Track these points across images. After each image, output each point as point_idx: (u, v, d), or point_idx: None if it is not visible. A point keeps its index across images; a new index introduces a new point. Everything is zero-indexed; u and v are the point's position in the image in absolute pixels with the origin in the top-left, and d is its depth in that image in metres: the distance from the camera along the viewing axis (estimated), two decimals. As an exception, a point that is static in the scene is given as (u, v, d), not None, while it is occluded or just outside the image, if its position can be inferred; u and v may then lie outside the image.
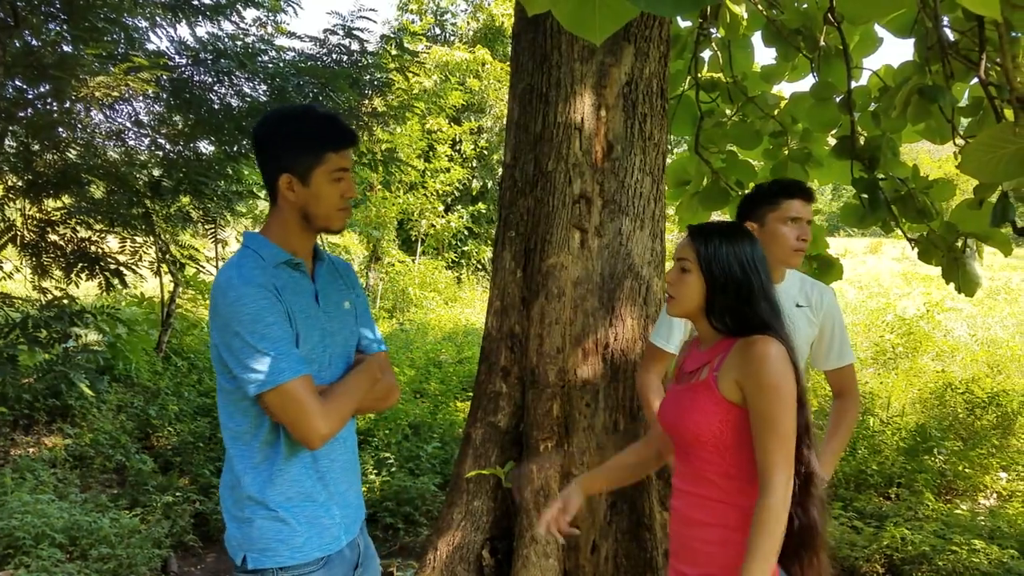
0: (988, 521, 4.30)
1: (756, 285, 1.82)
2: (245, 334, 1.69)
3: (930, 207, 3.71)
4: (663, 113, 3.00)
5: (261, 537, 1.80)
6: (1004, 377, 7.72)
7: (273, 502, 1.81)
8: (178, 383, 7.38)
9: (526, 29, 3.02)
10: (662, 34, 3.00)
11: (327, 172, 1.80)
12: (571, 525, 2.04)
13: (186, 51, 6.39)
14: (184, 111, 6.33)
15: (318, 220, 1.84)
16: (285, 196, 1.81)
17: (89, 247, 5.89)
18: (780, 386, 1.72)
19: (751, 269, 1.82)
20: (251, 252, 1.81)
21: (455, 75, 14.56)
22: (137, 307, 8.30)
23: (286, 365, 1.70)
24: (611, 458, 2.25)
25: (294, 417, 1.72)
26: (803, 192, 2.38)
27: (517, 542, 2.89)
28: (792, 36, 3.97)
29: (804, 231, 2.36)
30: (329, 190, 1.81)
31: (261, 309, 1.71)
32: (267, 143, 1.83)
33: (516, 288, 2.98)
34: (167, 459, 5.59)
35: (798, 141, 4.13)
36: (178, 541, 4.39)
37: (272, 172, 1.80)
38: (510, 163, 3.04)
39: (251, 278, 1.74)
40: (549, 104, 2.87)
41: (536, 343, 2.88)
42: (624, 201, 2.88)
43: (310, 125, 1.81)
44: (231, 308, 1.70)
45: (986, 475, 5.24)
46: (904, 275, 19.12)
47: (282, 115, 1.86)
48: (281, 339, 1.72)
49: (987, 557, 3.80)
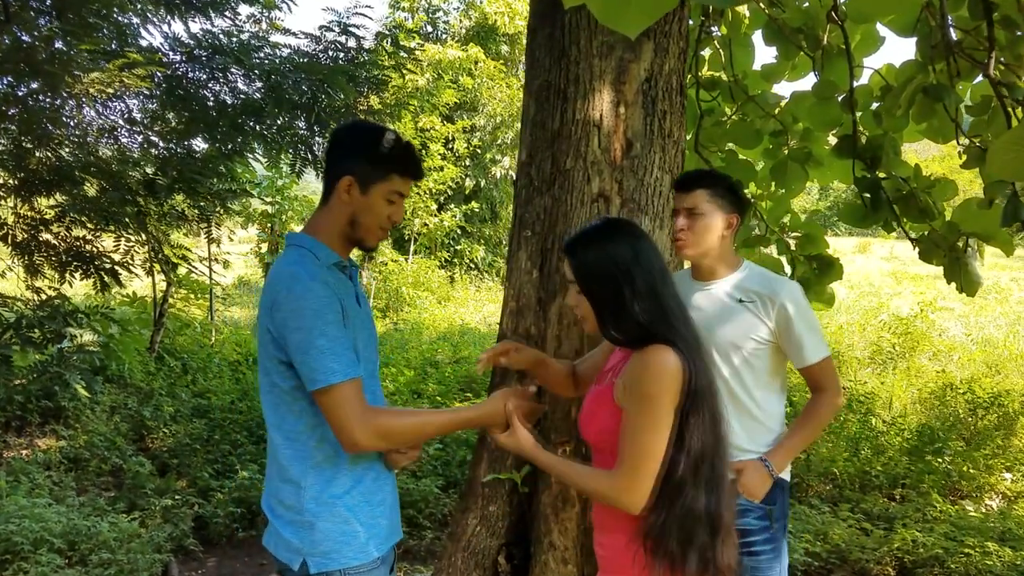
0: (998, 523, 4.27)
1: (636, 295, 1.73)
2: (307, 329, 1.71)
3: (932, 207, 3.69)
4: (682, 110, 2.94)
5: (325, 539, 1.80)
6: (1003, 377, 7.72)
7: (338, 502, 1.82)
8: (171, 384, 7.30)
9: (542, 24, 2.96)
10: (681, 29, 2.94)
11: (386, 191, 1.88)
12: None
13: (180, 47, 6.31)
14: (178, 108, 6.25)
15: (360, 230, 1.89)
16: (340, 197, 1.86)
17: (84, 246, 5.80)
18: (654, 398, 1.67)
19: (623, 272, 1.74)
20: (307, 252, 1.84)
21: (448, 73, 14.48)
22: (128, 307, 8.18)
23: (338, 366, 1.71)
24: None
25: (338, 420, 1.73)
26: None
27: (535, 547, 2.83)
28: (794, 35, 3.94)
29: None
30: (381, 207, 1.88)
31: (324, 306, 1.73)
32: (342, 144, 1.91)
33: (532, 289, 2.92)
34: (164, 461, 5.52)
35: (798, 140, 4.10)
36: (178, 545, 4.32)
37: (336, 171, 1.87)
38: (526, 161, 2.98)
39: (316, 275, 1.77)
40: (567, 100, 2.80)
41: (554, 345, 2.81)
42: (643, 200, 2.82)
43: (387, 144, 1.89)
44: (296, 302, 1.72)
45: (991, 476, 5.22)
46: (893, 274, 19.18)
47: (365, 125, 2.00)
48: (339, 338, 1.74)
49: (1000, 560, 3.78)
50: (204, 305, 9.91)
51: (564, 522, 2.78)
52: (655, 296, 1.74)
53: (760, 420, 2.54)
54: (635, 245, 1.78)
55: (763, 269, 2.60)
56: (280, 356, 1.77)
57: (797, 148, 4.06)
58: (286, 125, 6.65)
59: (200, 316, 9.68)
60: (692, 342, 1.75)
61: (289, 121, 6.60)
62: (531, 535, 2.89)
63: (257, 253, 11.41)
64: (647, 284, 1.74)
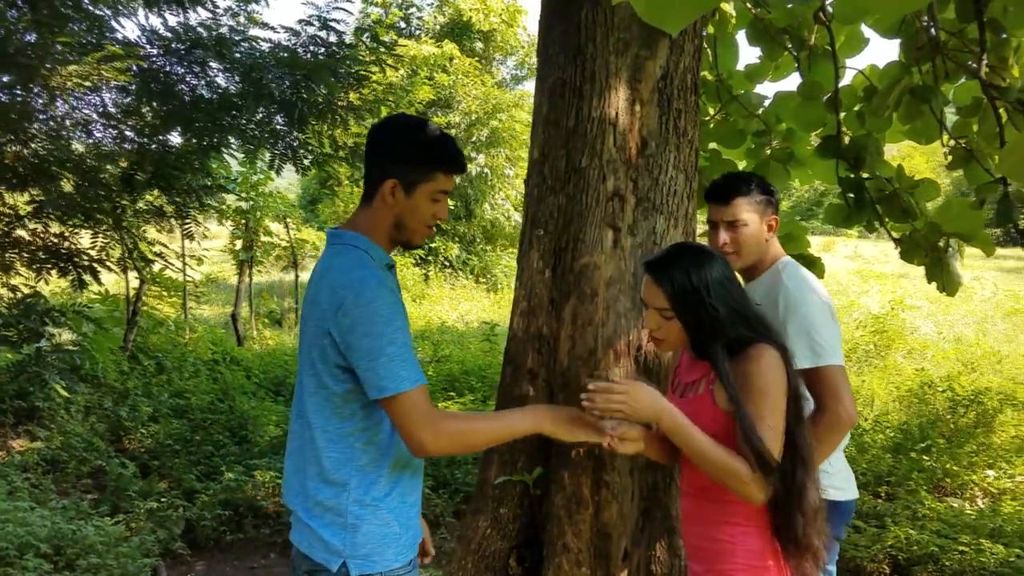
0: (989, 520, 4.33)
1: (727, 311, 1.84)
2: (377, 335, 1.69)
3: (914, 207, 3.73)
4: (696, 109, 2.92)
5: (368, 542, 1.79)
6: (978, 375, 7.84)
7: (382, 504, 1.81)
8: (147, 383, 7.18)
9: (556, 22, 2.92)
10: (696, 27, 2.93)
11: (431, 190, 1.84)
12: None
13: (158, 40, 6.17)
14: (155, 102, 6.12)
15: (405, 232, 1.87)
16: (385, 200, 1.83)
17: (61, 243, 5.66)
18: (767, 390, 1.78)
19: (720, 295, 1.85)
20: (362, 253, 1.81)
21: (423, 70, 14.38)
22: (101, 304, 8.01)
23: (407, 373, 1.70)
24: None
25: (409, 426, 1.72)
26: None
27: (548, 550, 2.80)
28: (779, 35, 3.96)
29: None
30: (426, 208, 1.85)
31: (394, 313, 1.72)
32: (383, 144, 1.86)
33: (544, 289, 2.88)
34: (144, 463, 5.41)
35: (780, 141, 4.13)
36: (166, 549, 4.24)
37: (379, 173, 1.83)
38: (538, 159, 2.94)
39: (383, 280, 1.75)
40: (583, 98, 2.77)
41: (568, 345, 2.78)
42: (658, 199, 2.80)
43: (432, 142, 1.85)
44: (366, 308, 1.69)
45: (974, 473, 5.29)
46: (859, 273, 19.44)
47: (404, 123, 1.90)
48: (406, 344, 1.73)
49: (993, 556, 3.82)
50: (177, 303, 9.74)
51: (578, 524, 2.76)
52: (743, 309, 1.88)
53: None
54: (717, 268, 1.89)
55: (789, 270, 2.50)
56: (338, 360, 1.74)
57: (779, 148, 4.09)
58: (265, 120, 6.55)
59: (173, 314, 9.51)
60: (784, 345, 1.89)
61: (268, 116, 6.50)
62: (543, 537, 2.86)
63: (231, 250, 11.23)
64: (735, 300, 1.87)
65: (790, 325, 2.33)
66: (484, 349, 9.09)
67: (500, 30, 18.15)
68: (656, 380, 2.78)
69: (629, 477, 2.78)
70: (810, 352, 2.30)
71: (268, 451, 5.63)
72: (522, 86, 20.98)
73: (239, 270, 10.98)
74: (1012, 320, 12.08)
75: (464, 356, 8.69)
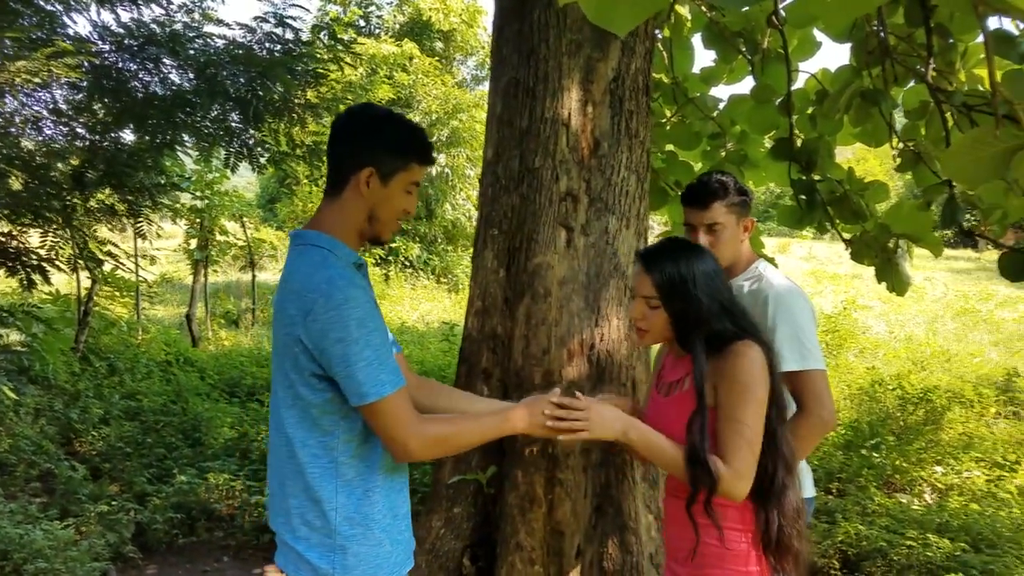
0: (935, 515, 4.42)
1: (713, 303, 1.85)
2: (352, 340, 1.61)
3: (864, 208, 3.80)
4: (648, 110, 2.96)
5: (359, 564, 1.71)
6: (928, 373, 8.01)
7: (371, 521, 1.72)
8: (98, 385, 7.04)
9: (510, 21, 2.93)
10: (647, 29, 2.96)
11: (406, 181, 1.78)
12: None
13: (110, 36, 6.07)
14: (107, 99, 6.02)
15: (377, 224, 1.79)
16: (359, 190, 1.75)
17: (9, 242, 5.54)
18: (749, 385, 1.77)
19: (708, 289, 1.86)
20: (326, 252, 1.72)
21: (383, 69, 14.31)
22: (52, 305, 7.84)
23: (387, 377, 1.64)
24: None
25: (391, 431, 1.66)
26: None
27: (501, 548, 2.81)
28: (733, 38, 4.01)
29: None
30: (400, 199, 1.79)
31: (367, 315, 1.64)
32: (355, 135, 1.77)
33: (499, 288, 2.89)
34: (95, 465, 5.30)
35: (735, 143, 4.18)
36: (116, 553, 4.15)
37: (352, 164, 1.75)
38: (492, 159, 2.95)
39: (352, 280, 1.66)
40: (536, 99, 2.79)
41: (521, 344, 2.80)
42: (610, 199, 2.82)
43: (405, 131, 1.79)
44: (337, 312, 1.61)
45: (923, 470, 5.40)
46: (813, 274, 19.73)
47: (376, 113, 1.81)
48: (382, 346, 1.65)
49: (940, 551, 3.90)
50: (130, 303, 9.57)
51: (531, 522, 2.77)
52: (729, 305, 1.88)
53: None
54: (708, 262, 1.90)
55: (769, 272, 2.51)
56: (313, 368, 1.66)
57: (734, 150, 4.15)
58: (220, 117, 6.48)
59: (126, 315, 9.35)
60: (768, 344, 1.88)
61: (223, 113, 6.43)
62: (496, 536, 2.87)
63: (186, 249, 11.07)
64: (722, 295, 1.88)
65: (782, 327, 2.32)
66: (443, 349, 9.07)
67: (460, 30, 18.14)
68: (610, 379, 2.81)
69: (582, 475, 2.80)
70: (798, 355, 2.30)
71: (222, 453, 5.56)
72: (482, 86, 20.96)
73: (194, 270, 10.82)
74: (961, 320, 12.35)
75: (424, 356, 8.66)
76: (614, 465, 2.82)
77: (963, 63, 3.77)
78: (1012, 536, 4.15)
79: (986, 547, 4.08)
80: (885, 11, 3.58)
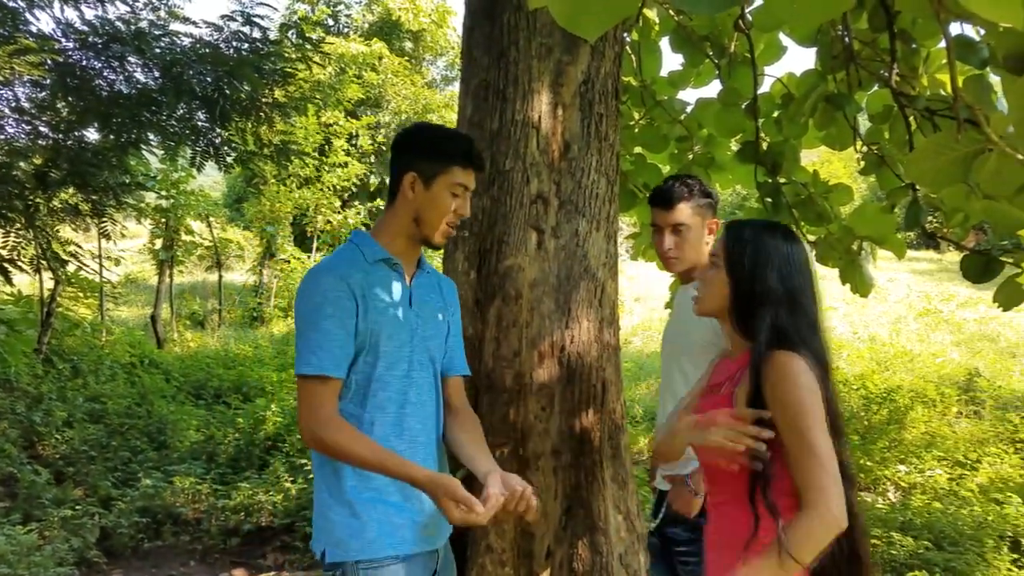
0: (899, 514, 4.49)
1: (785, 290, 1.71)
2: (305, 319, 1.79)
3: (828, 211, 3.86)
4: (617, 113, 2.97)
5: (335, 529, 1.85)
6: (891, 373, 8.13)
7: (344, 495, 1.85)
8: (61, 387, 6.94)
9: (480, 23, 2.93)
10: (616, 33, 2.97)
11: (448, 183, 1.91)
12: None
13: (74, 34, 5.98)
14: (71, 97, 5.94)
15: (425, 227, 1.93)
16: (405, 194, 1.92)
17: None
18: (802, 400, 1.61)
19: (782, 272, 1.72)
20: (353, 247, 1.92)
21: (352, 68, 14.23)
22: (14, 306, 7.71)
23: (316, 360, 1.77)
24: None
25: (300, 413, 1.80)
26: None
27: (471, 550, 2.80)
28: (700, 42, 4.05)
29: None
30: (445, 200, 1.91)
31: (326, 300, 1.78)
32: (400, 146, 1.97)
33: (470, 290, 2.88)
34: (58, 469, 5.23)
35: (702, 146, 4.22)
36: (81, 557, 4.11)
37: (399, 172, 1.92)
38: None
39: (334, 267, 1.84)
40: (506, 101, 2.79)
41: (492, 347, 2.80)
42: (580, 202, 2.83)
43: (447, 137, 1.97)
44: (303, 290, 1.83)
45: (886, 469, 5.49)
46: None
47: (426, 125, 2.05)
48: (331, 332, 1.78)
49: (903, 549, 3.97)
50: (94, 304, 9.45)
51: (501, 524, 2.77)
52: (799, 296, 1.73)
53: None
54: (796, 250, 1.77)
55: None
56: None
57: (701, 153, 4.18)
58: (186, 116, 6.41)
59: (89, 316, 9.22)
60: (820, 354, 1.72)
61: (189, 112, 6.36)
62: (466, 538, 2.86)
63: (150, 249, 10.94)
64: (793, 283, 1.73)
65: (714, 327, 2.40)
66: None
67: (430, 30, 18.11)
68: (580, 381, 2.82)
69: (552, 476, 2.81)
70: None
71: (188, 456, 5.51)
72: (452, 87, 20.95)
73: (159, 270, 10.70)
74: (924, 320, 12.56)
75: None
76: (584, 466, 2.83)
77: (926, 68, 3.83)
78: (973, 534, 4.23)
79: (948, 545, 4.15)
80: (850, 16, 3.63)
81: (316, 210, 13.06)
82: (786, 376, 1.63)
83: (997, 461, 5.62)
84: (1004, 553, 4.03)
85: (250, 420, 6.03)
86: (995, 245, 2.97)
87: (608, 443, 2.86)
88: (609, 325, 2.91)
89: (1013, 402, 7.09)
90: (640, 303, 15.41)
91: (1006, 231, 2.81)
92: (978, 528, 4.29)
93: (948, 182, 2.12)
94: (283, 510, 4.71)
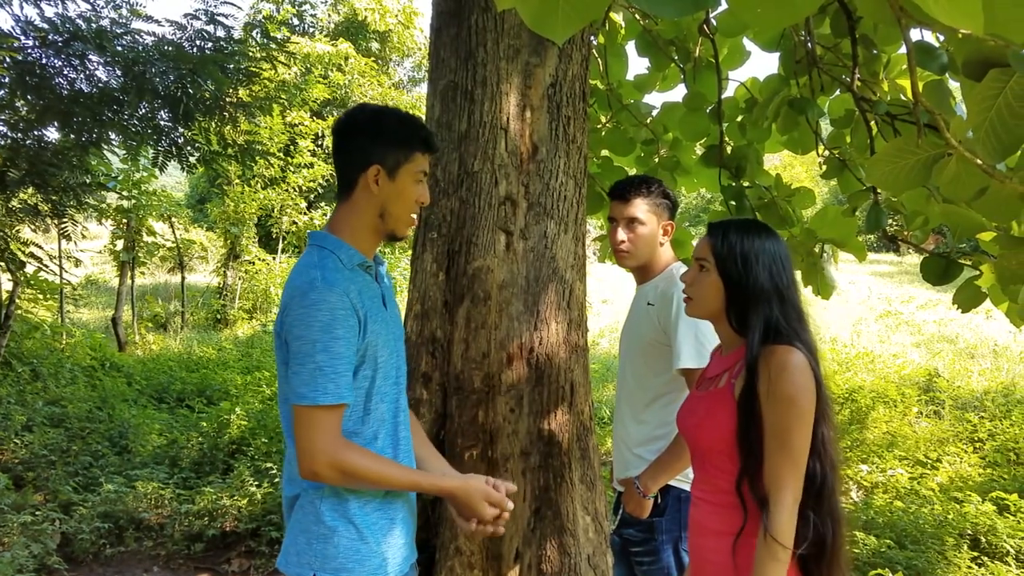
0: (862, 513, 4.55)
1: (775, 285, 1.78)
2: (312, 341, 1.63)
3: (791, 214, 3.91)
4: (585, 115, 2.98)
5: (338, 555, 1.72)
6: (852, 374, 8.24)
7: (354, 517, 1.74)
8: (20, 391, 6.81)
9: (447, 24, 2.92)
10: (584, 36, 2.99)
11: (413, 171, 1.80)
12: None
13: (33, 31, 5.89)
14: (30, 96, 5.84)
15: (391, 220, 1.82)
16: (368, 189, 1.78)
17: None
18: (796, 398, 1.66)
19: (772, 269, 1.79)
20: (329, 253, 1.75)
21: (317, 68, 14.14)
22: (-30, 308, 7.55)
23: (331, 388, 1.63)
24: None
25: (308, 442, 1.65)
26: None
27: (440, 553, 2.79)
28: (666, 46, 4.09)
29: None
30: (410, 190, 1.81)
31: (335, 320, 1.64)
32: (357, 134, 1.79)
33: (438, 291, 2.88)
34: (18, 474, 5.13)
35: (668, 149, 4.26)
36: (41, 564, 4.03)
37: (358, 163, 1.78)
38: (431, 162, 2.94)
39: (335, 282, 1.67)
40: (475, 103, 2.79)
41: (461, 348, 2.79)
42: (549, 204, 2.84)
43: (403, 122, 1.81)
44: (306, 311, 1.63)
45: (848, 468, 5.56)
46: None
47: (375, 110, 1.84)
48: (342, 356, 1.65)
49: (866, 548, 4.02)
50: (53, 306, 9.28)
51: (472, 531, 2.76)
52: (786, 292, 1.80)
53: (646, 422, 2.63)
54: (780, 246, 1.83)
55: (673, 272, 2.64)
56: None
57: (667, 156, 4.22)
58: (148, 115, 6.33)
59: (49, 318, 9.05)
60: (811, 343, 1.79)
61: (151, 111, 6.29)
62: (436, 541, 2.85)
63: (112, 251, 10.76)
64: (782, 280, 1.80)
65: (682, 326, 2.44)
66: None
67: (396, 31, 18.06)
68: (548, 383, 2.82)
69: (521, 478, 2.81)
70: (696, 354, 2.42)
71: (150, 461, 5.43)
72: (419, 88, 20.91)
73: (120, 272, 10.54)
74: (884, 322, 12.76)
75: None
76: (552, 468, 2.84)
77: (887, 73, 3.89)
78: (934, 532, 4.30)
79: (910, 543, 4.22)
80: (812, 22, 3.68)
81: (281, 211, 12.95)
82: (784, 371, 1.69)
83: (957, 460, 5.73)
84: (964, 551, 4.11)
85: (214, 424, 5.96)
86: (954, 248, 3.03)
87: (577, 444, 2.86)
88: (577, 327, 2.91)
89: (972, 402, 7.22)
90: (607, 305, 15.50)
91: (965, 234, 2.86)
92: (939, 527, 4.37)
93: (908, 186, 2.15)
94: (248, 515, 4.66)
